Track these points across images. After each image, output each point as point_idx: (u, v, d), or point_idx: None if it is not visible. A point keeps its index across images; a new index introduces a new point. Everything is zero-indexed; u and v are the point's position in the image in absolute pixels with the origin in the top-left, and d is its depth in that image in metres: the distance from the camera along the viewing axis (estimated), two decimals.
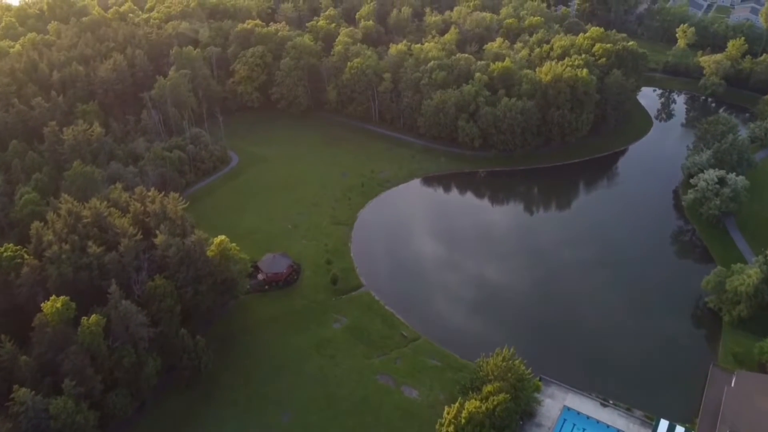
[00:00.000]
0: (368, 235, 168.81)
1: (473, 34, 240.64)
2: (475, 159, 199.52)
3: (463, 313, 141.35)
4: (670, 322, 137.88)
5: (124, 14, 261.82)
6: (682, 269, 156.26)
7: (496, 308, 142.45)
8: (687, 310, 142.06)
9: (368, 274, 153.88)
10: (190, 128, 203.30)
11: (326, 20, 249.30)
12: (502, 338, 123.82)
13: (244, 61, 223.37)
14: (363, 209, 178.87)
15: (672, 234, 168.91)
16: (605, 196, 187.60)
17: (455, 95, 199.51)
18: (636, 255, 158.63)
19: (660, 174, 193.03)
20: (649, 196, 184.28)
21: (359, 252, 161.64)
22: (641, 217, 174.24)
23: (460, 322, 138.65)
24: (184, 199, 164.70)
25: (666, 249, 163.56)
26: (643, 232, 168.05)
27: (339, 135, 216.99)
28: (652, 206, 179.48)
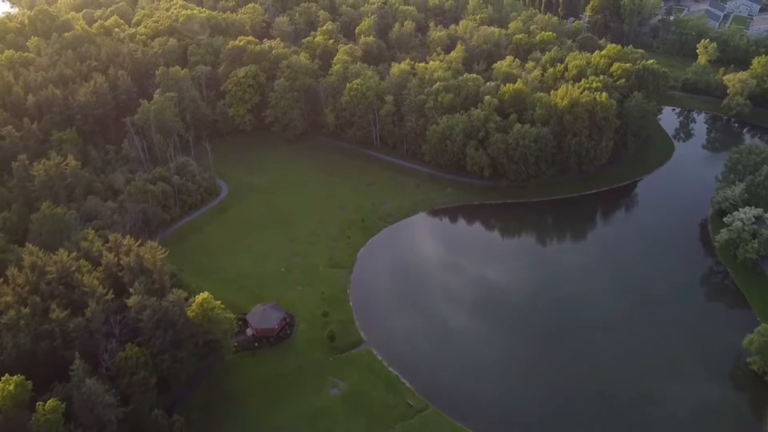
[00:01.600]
0: (369, 280, 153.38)
1: (481, 50, 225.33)
2: (484, 190, 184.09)
3: (478, 375, 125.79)
4: (708, 386, 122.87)
5: (109, 29, 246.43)
6: (715, 319, 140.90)
7: (514, 370, 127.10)
8: (726, 369, 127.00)
9: (369, 327, 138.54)
10: (177, 156, 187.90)
11: (323, 36, 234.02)
12: (522, 408, 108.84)
13: (235, 82, 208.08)
14: (363, 249, 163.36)
15: (702, 277, 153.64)
16: (626, 231, 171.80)
17: (463, 120, 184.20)
18: (663, 301, 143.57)
19: (685, 205, 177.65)
20: (675, 230, 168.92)
21: (359, 301, 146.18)
22: (667, 255, 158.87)
23: (475, 387, 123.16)
24: (166, 244, 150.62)
25: (696, 294, 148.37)
26: (669, 273, 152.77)
27: (337, 161, 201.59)
28: (678, 243, 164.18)
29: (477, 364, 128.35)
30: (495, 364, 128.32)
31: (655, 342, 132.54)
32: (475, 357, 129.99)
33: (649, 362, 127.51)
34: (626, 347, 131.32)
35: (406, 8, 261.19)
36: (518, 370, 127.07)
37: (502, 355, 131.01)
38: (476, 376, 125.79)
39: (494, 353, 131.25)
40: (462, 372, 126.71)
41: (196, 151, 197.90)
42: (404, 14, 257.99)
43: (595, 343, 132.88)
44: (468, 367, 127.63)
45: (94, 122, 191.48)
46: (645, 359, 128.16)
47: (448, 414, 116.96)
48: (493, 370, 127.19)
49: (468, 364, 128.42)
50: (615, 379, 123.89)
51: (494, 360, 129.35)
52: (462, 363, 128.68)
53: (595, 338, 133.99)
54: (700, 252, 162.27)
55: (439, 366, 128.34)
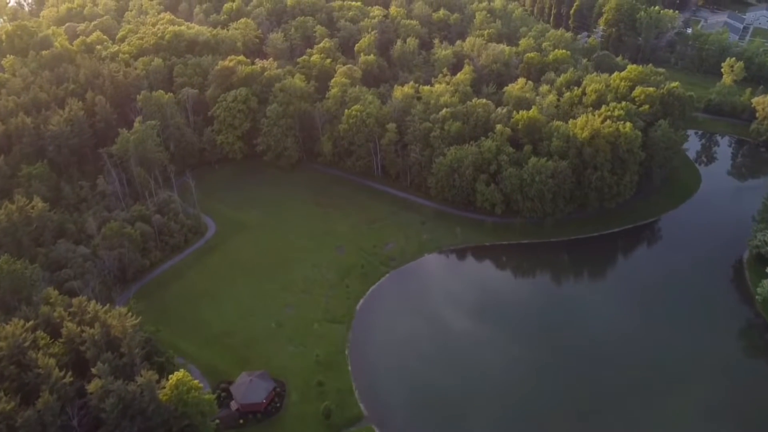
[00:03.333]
0: (370, 338, 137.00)
1: (489, 71, 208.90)
2: (497, 229, 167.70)
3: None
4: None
5: (91, 45, 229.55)
6: (759, 382, 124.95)
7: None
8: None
9: (370, 398, 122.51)
10: (159, 191, 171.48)
11: (320, 54, 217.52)
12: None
13: (224, 106, 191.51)
14: (363, 299, 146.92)
15: (740, 332, 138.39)
16: (653, 275, 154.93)
17: (473, 152, 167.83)
18: (697, 359, 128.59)
19: (717, 245, 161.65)
20: (707, 274, 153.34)
21: (359, 364, 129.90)
22: (699, 304, 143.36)
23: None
24: (144, 293, 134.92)
25: (735, 352, 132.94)
26: (703, 326, 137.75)
27: (335, 194, 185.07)
28: (712, 289, 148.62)
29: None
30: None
31: (689, 406, 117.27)
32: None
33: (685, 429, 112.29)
34: (659, 412, 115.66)
35: (408, 22, 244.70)
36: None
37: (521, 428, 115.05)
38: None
39: (513, 425, 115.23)
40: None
41: (180, 184, 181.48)
42: (406, 29, 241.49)
43: (623, 406, 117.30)
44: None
45: (68, 153, 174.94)
46: (680, 424, 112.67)
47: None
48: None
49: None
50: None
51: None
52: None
53: (621, 400, 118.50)
54: (735, 299, 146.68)
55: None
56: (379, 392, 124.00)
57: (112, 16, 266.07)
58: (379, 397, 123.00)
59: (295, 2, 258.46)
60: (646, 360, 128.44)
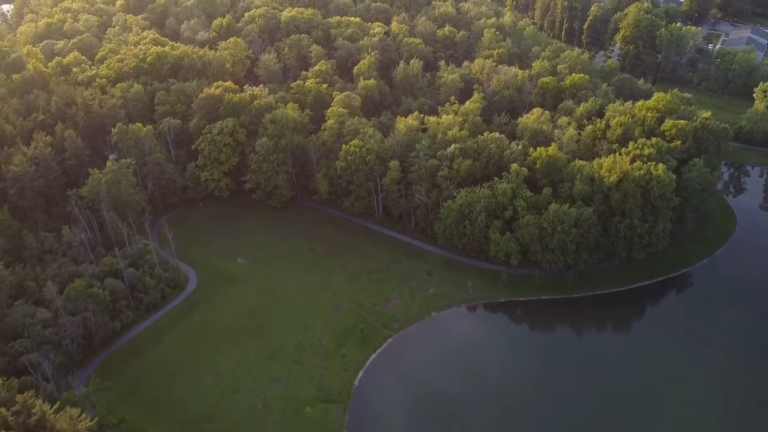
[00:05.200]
0: (371, 422, 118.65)
1: (501, 97, 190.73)
2: (513, 282, 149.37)
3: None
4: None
5: (68, 67, 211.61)
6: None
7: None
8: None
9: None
10: (134, 237, 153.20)
11: (316, 78, 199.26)
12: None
13: (209, 140, 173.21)
14: (363, 372, 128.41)
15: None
16: (692, 337, 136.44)
17: (485, 195, 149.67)
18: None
19: (761, 298, 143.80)
20: (757, 337, 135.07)
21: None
22: (750, 376, 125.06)
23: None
24: (113, 363, 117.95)
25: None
26: (757, 405, 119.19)
27: (332, 237, 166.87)
28: (761, 354, 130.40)
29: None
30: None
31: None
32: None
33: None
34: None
35: (411, 41, 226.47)
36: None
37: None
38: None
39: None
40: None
41: (159, 227, 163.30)
42: (410, 48, 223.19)
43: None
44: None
45: (33, 196, 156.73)
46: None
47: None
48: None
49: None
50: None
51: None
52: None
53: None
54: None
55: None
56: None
57: (93, 33, 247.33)
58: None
59: (289, 18, 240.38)
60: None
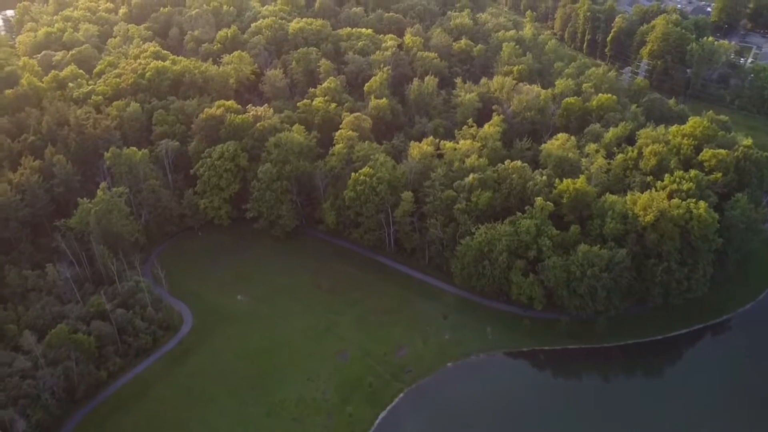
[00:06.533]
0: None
1: (522, 119, 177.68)
2: (536, 328, 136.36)
3: None
4: None
5: (64, 81, 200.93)
6: None
7: None
8: None
9: None
10: (126, 273, 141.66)
11: (324, 96, 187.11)
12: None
13: (209, 164, 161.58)
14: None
15: None
16: (734, 389, 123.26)
17: (507, 233, 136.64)
18: None
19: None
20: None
21: None
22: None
23: None
24: (95, 419, 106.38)
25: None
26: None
27: (338, 272, 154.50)
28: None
29: None
30: None
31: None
32: None
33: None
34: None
35: (426, 55, 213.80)
36: None
37: None
38: None
39: None
40: None
41: (154, 259, 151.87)
42: (424, 63, 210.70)
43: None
44: None
45: (18, 227, 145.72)
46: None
47: None
48: None
49: None
50: None
51: None
52: None
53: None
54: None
55: None
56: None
57: (93, 43, 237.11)
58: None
59: (297, 30, 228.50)
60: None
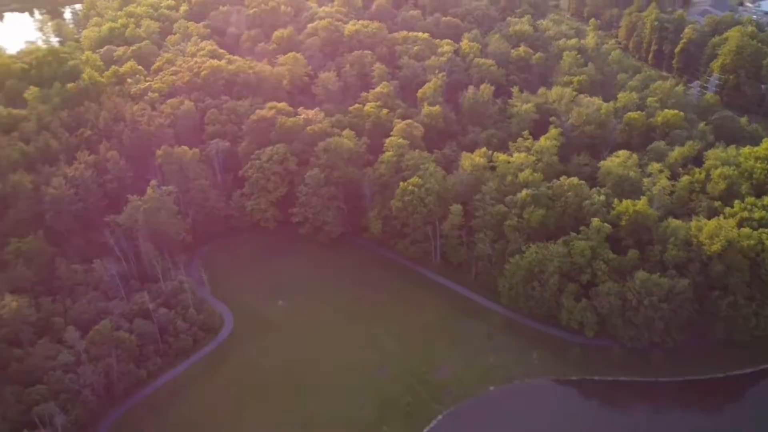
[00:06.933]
0: None
1: (581, 133, 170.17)
2: (586, 356, 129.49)
3: None
4: None
5: (122, 77, 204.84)
6: None
7: None
8: None
9: None
10: (171, 272, 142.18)
11: (376, 101, 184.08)
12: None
13: (257, 167, 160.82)
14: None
15: None
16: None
17: (559, 254, 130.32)
18: None
19: None
20: None
21: None
22: None
23: None
24: (130, 420, 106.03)
25: None
26: None
27: (381, 283, 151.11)
28: None
29: None
30: None
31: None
32: None
33: None
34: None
35: (482, 62, 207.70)
36: None
37: None
38: None
39: None
40: None
41: (197, 259, 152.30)
42: (480, 70, 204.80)
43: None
44: None
45: (71, 220, 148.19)
46: None
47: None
48: None
49: None
50: None
51: None
52: None
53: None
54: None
55: None
56: None
57: (153, 40, 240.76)
58: None
59: (353, 32, 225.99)
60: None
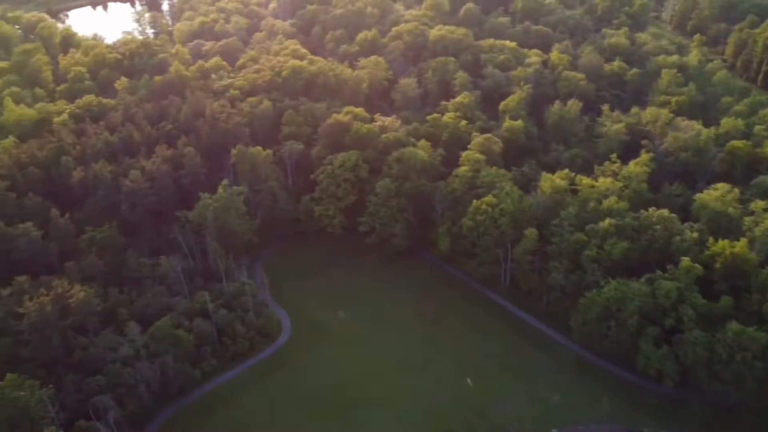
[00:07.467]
0: None
1: (675, 160, 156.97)
2: (663, 407, 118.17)
3: None
4: None
5: (207, 72, 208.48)
6: None
7: None
8: None
9: None
10: (234, 273, 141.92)
11: (455, 111, 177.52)
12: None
13: (329, 172, 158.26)
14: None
15: None
16: None
17: (642, 293, 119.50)
18: None
19: None
20: None
21: None
22: None
23: None
24: (181, 419, 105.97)
25: None
26: None
27: (444, 303, 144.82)
28: None
29: None
30: None
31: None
32: None
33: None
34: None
35: (572, 75, 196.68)
36: None
37: None
38: None
39: None
40: None
41: (261, 261, 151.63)
42: (569, 84, 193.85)
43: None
44: None
45: (144, 214, 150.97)
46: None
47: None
48: None
49: None
50: None
51: None
52: None
53: None
54: None
55: None
56: None
57: (240, 36, 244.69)
58: None
59: (438, 37, 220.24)
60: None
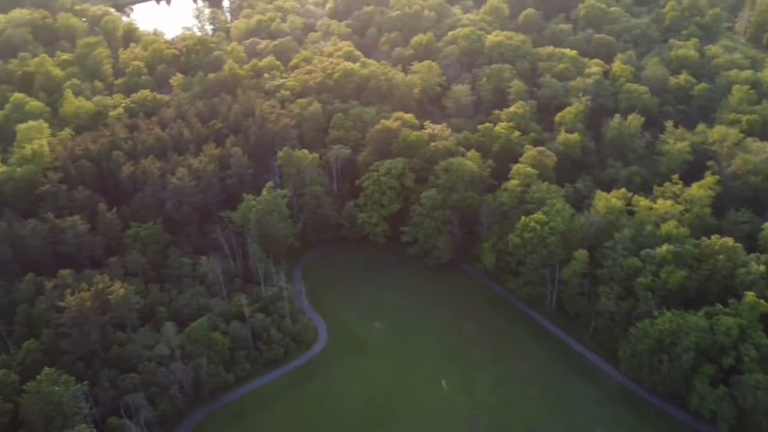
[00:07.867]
0: None
1: (743, 184, 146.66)
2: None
3: None
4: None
5: (260, 71, 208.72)
6: None
7: None
8: None
9: None
10: (273, 277, 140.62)
11: (508, 121, 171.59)
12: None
13: (374, 178, 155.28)
14: None
15: None
16: None
17: (699, 327, 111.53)
18: None
19: None
20: None
21: None
22: None
23: None
24: (212, 423, 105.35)
25: None
26: None
27: (485, 321, 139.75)
28: None
29: None
30: None
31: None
32: None
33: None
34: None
35: (634, 87, 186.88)
36: None
37: None
38: None
39: None
40: None
41: (301, 265, 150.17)
42: (631, 97, 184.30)
43: None
44: None
45: (189, 212, 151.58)
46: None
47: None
48: None
49: None
50: None
51: None
52: None
53: None
54: None
55: None
56: None
57: (295, 35, 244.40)
58: None
59: (494, 44, 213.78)
60: None
